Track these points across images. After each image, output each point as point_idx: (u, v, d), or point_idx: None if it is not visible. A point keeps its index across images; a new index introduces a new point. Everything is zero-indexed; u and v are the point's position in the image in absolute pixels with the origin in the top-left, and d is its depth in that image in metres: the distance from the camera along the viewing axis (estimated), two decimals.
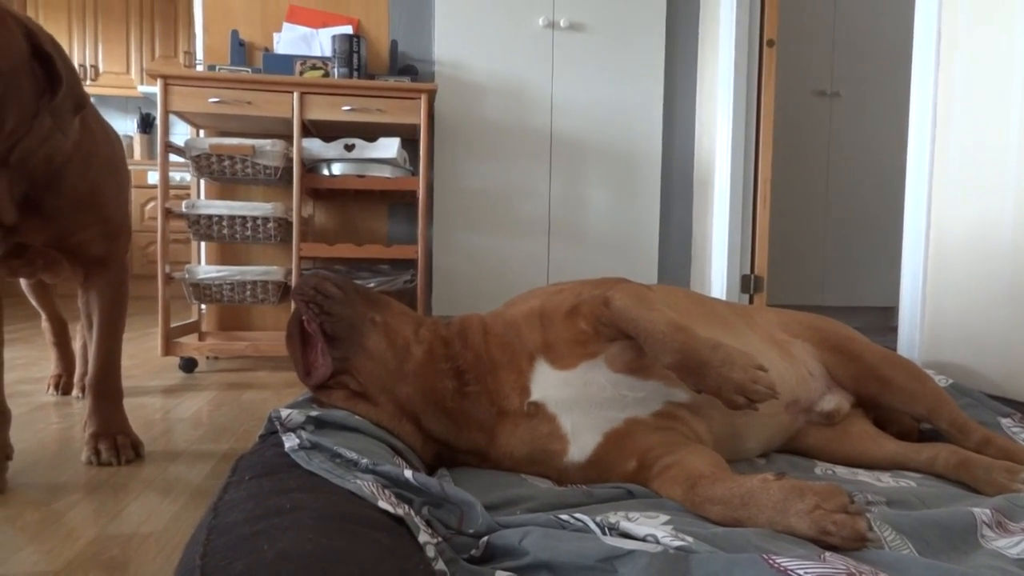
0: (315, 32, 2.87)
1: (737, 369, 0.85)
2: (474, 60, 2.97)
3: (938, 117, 1.86)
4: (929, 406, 1.19)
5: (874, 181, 3.98)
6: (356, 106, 2.49)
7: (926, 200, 1.89)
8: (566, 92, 3.04)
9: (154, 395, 2.08)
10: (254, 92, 2.43)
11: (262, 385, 2.26)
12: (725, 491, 0.81)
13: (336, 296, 1.01)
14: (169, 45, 5.79)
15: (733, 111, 2.87)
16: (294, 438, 0.91)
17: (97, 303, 1.46)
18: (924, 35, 1.91)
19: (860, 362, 1.24)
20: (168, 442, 1.57)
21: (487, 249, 3.01)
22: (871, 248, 4.00)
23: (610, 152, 3.09)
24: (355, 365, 0.99)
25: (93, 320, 1.46)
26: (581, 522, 0.78)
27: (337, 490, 0.77)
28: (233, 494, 0.79)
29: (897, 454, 1.16)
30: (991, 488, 1.01)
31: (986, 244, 1.68)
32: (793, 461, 1.18)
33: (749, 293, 2.93)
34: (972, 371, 1.67)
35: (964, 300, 1.75)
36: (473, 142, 2.99)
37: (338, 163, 2.55)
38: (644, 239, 3.15)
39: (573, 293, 1.04)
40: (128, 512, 1.14)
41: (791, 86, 3.77)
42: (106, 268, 1.44)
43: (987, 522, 0.82)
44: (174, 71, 2.52)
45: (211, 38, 2.85)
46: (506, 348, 1.02)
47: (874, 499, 0.93)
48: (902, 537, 0.78)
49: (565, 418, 0.99)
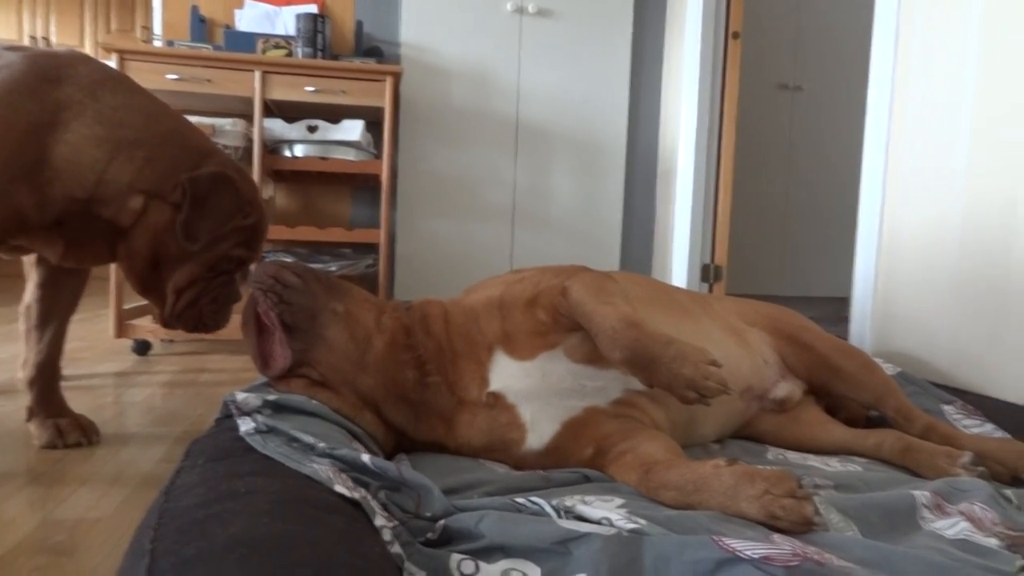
0: (278, 10, 2.80)
1: (688, 365, 0.85)
2: (441, 43, 2.94)
3: (893, 115, 1.91)
4: (877, 394, 1.23)
5: (833, 174, 4.06)
6: (320, 87, 2.44)
7: (880, 195, 1.94)
8: (533, 79, 3.03)
9: (105, 378, 2.03)
10: (214, 70, 2.37)
11: (218, 369, 2.22)
12: (679, 477, 0.83)
13: (296, 285, 0.99)
14: (126, 19, 5.61)
15: (698, 102, 2.89)
16: (250, 422, 0.89)
17: (71, 286, 1.43)
18: (882, 33, 1.95)
19: (813, 351, 1.27)
20: (119, 426, 1.54)
21: (450, 235, 3.00)
22: (828, 240, 4.09)
23: (575, 140, 3.10)
24: (315, 356, 0.98)
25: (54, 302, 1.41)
26: (537, 505, 0.79)
27: (293, 474, 0.76)
28: (186, 478, 0.77)
29: (845, 440, 1.19)
30: (933, 472, 1.04)
31: (935, 239, 1.73)
32: (746, 446, 1.21)
33: (709, 282, 2.97)
34: (920, 360, 1.72)
35: (913, 292, 1.81)
36: (438, 127, 2.97)
37: (300, 144, 2.50)
38: (607, 227, 3.17)
39: (532, 282, 1.04)
40: (76, 497, 1.11)
41: (754, 79, 3.81)
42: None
43: (927, 504, 0.86)
44: (131, 46, 2.46)
45: (170, 13, 2.77)
46: (466, 338, 1.02)
47: (822, 483, 0.96)
48: (847, 519, 0.80)
49: (524, 408, 1.00)
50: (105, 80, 1.20)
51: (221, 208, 1.25)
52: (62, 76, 1.15)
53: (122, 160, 1.17)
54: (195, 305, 1.30)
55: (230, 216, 1.27)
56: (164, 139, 1.22)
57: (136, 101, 1.22)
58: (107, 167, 1.16)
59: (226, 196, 1.26)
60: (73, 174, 1.14)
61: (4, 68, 1.12)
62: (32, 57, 1.16)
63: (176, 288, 1.27)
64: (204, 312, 1.31)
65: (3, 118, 1.09)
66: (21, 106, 1.10)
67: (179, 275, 1.26)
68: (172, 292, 1.27)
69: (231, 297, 1.35)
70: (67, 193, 1.15)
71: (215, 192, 1.24)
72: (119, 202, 1.19)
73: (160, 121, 1.24)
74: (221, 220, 1.25)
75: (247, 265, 1.36)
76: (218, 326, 1.36)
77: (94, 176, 1.16)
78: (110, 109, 1.17)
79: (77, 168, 1.14)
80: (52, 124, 1.12)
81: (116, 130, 1.17)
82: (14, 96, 1.10)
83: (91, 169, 1.15)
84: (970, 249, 1.62)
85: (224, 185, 1.25)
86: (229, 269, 1.32)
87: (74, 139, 1.14)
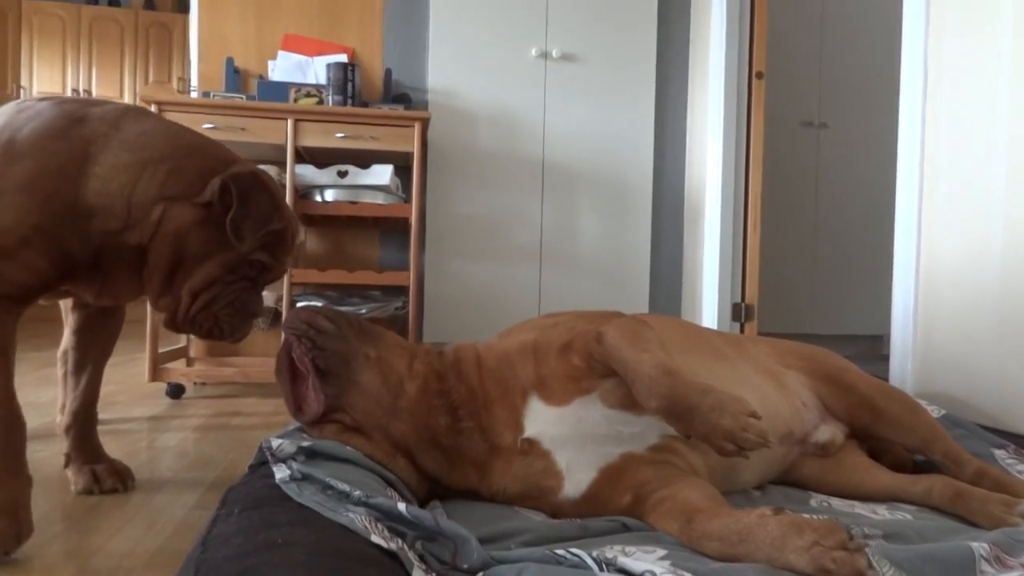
0: (310, 60, 2.89)
1: (727, 416, 0.83)
2: (467, 89, 3.00)
3: (925, 149, 1.89)
4: (923, 437, 1.19)
5: (861, 210, 4.02)
6: (350, 133, 2.50)
7: (915, 231, 1.90)
8: (558, 121, 3.07)
9: (140, 422, 2.04)
10: (248, 119, 2.44)
11: (250, 412, 2.23)
12: (722, 527, 0.80)
13: (328, 330, 0.99)
14: (163, 71, 5.83)
15: (723, 141, 2.90)
16: (285, 469, 0.89)
17: (105, 332, 1.45)
18: (911, 69, 1.94)
19: (854, 393, 1.24)
20: (153, 471, 1.54)
21: (479, 276, 3.01)
22: (859, 277, 4.03)
23: (602, 181, 3.12)
24: (348, 401, 0.97)
25: (88, 348, 1.44)
26: (577, 557, 0.77)
27: (329, 524, 0.76)
28: (222, 527, 0.77)
29: (892, 486, 1.15)
30: (987, 521, 1.00)
31: (976, 275, 1.69)
32: (788, 493, 1.17)
33: (740, 321, 2.93)
34: (964, 402, 1.67)
35: (955, 331, 1.76)
36: (466, 170, 3.01)
37: (331, 189, 2.55)
38: (635, 267, 3.16)
39: (567, 328, 1.03)
40: (111, 545, 1.11)
41: (779, 117, 3.82)
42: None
43: (985, 557, 0.82)
44: (168, 97, 2.54)
45: (206, 64, 2.87)
46: (500, 383, 1.01)
47: (871, 532, 0.92)
48: (900, 572, 0.77)
49: (560, 455, 0.98)
50: (127, 111, 1.23)
51: (262, 207, 1.23)
52: (87, 115, 1.18)
53: (147, 177, 1.17)
54: (210, 308, 1.24)
55: (270, 216, 1.25)
56: (188, 152, 1.22)
57: (157, 125, 1.23)
58: (134, 189, 1.16)
59: (265, 196, 1.24)
60: (107, 206, 1.15)
61: (36, 117, 1.16)
62: (59, 103, 1.20)
63: (192, 290, 1.22)
64: (220, 317, 1.25)
65: (40, 163, 1.12)
66: (53, 149, 1.13)
67: (196, 276, 1.22)
68: (188, 294, 1.22)
69: (251, 306, 1.29)
70: (104, 228, 1.16)
71: (256, 191, 1.22)
72: (145, 220, 1.17)
73: (182, 137, 1.25)
74: (263, 219, 1.23)
75: (270, 273, 1.32)
76: (235, 334, 1.30)
77: (123, 201, 1.16)
78: (133, 136, 1.19)
79: (109, 199, 1.15)
80: (82, 160, 1.14)
81: (140, 153, 1.18)
82: (45, 141, 1.13)
83: (120, 195, 1.16)
84: (1013, 282, 1.58)
85: (263, 185, 1.25)
86: (251, 276, 1.28)
87: (103, 171, 1.15)
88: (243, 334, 1.32)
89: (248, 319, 1.30)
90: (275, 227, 1.26)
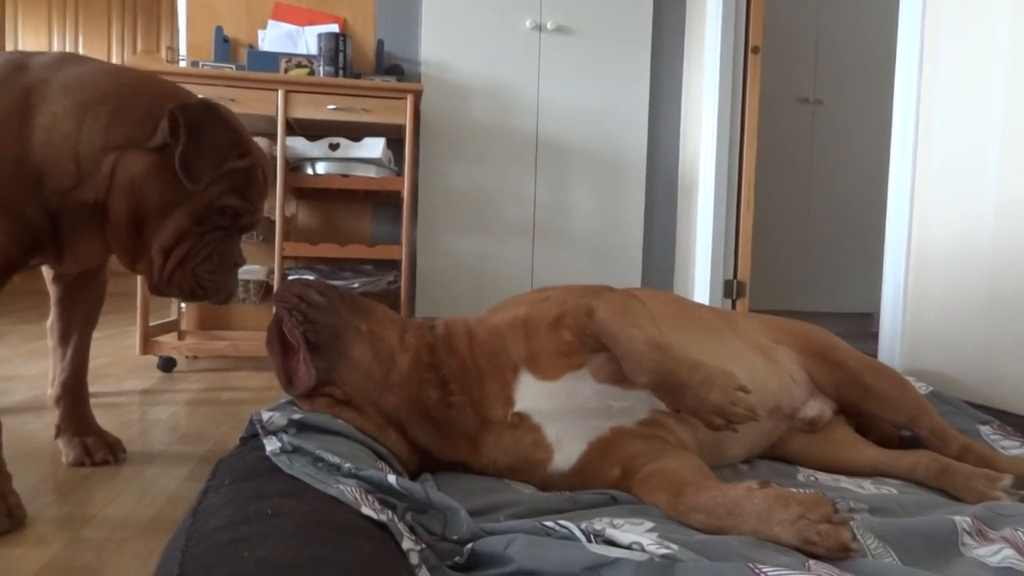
0: (301, 30, 2.84)
1: (716, 390, 0.84)
2: (460, 61, 2.96)
3: (920, 127, 1.88)
4: (910, 413, 1.20)
5: (855, 188, 4.02)
6: (341, 105, 2.47)
7: (908, 209, 1.91)
8: (552, 95, 3.04)
9: (131, 395, 2.04)
10: (238, 89, 2.40)
11: (242, 386, 2.23)
12: (710, 500, 0.81)
13: (320, 304, 0.99)
14: (151, 40, 5.73)
15: (718, 117, 2.88)
16: (275, 441, 0.89)
17: (86, 300, 1.42)
18: (907, 46, 1.93)
19: (843, 369, 1.25)
20: (145, 444, 1.54)
21: (471, 251, 3.00)
22: (852, 254, 4.04)
23: (595, 156, 3.10)
24: (339, 375, 0.97)
25: (71, 318, 1.42)
26: (566, 529, 0.77)
27: (319, 495, 0.76)
28: (212, 499, 0.77)
29: (878, 461, 1.17)
30: (971, 496, 1.02)
31: (966, 253, 1.70)
32: (776, 467, 1.19)
33: (732, 298, 2.94)
34: (952, 378, 1.69)
35: (944, 308, 1.77)
36: (459, 143, 2.98)
37: (322, 162, 2.52)
38: (628, 243, 3.16)
39: (558, 302, 1.03)
40: (102, 516, 1.11)
41: (774, 93, 3.80)
42: (101, 265, 1.40)
43: (968, 530, 0.83)
44: (156, 66, 2.49)
45: (194, 34, 2.82)
46: (491, 357, 1.01)
47: (856, 506, 0.94)
48: (884, 545, 0.78)
49: (550, 428, 0.99)
50: (67, 56, 1.14)
51: (218, 141, 1.12)
52: (28, 63, 1.10)
53: (90, 122, 1.07)
54: (185, 265, 1.15)
55: (227, 152, 1.13)
56: (131, 90, 1.11)
57: (97, 65, 1.14)
58: (79, 138, 1.07)
59: (220, 129, 1.13)
60: (54, 160, 1.06)
61: None
62: (3, 54, 1.13)
63: (163, 247, 1.13)
64: (199, 274, 1.16)
65: None
66: None
67: (164, 232, 1.12)
68: (159, 252, 1.13)
69: (229, 257, 1.20)
70: (56, 186, 1.08)
71: (209, 123, 1.11)
72: (96, 173, 1.08)
73: (124, 76, 1.14)
74: (220, 156, 1.12)
75: (243, 219, 1.20)
76: (220, 292, 1.21)
77: (71, 153, 1.07)
78: (72, 78, 1.09)
79: (55, 150, 1.06)
80: (24, 111, 1.06)
81: (79, 95, 1.08)
82: None
83: (65, 145, 1.06)
84: (1002, 261, 1.59)
85: (217, 117, 1.13)
86: (223, 225, 1.17)
87: (44, 121, 1.06)
88: (228, 293, 1.23)
89: (229, 271, 1.21)
90: (238, 164, 1.16)
